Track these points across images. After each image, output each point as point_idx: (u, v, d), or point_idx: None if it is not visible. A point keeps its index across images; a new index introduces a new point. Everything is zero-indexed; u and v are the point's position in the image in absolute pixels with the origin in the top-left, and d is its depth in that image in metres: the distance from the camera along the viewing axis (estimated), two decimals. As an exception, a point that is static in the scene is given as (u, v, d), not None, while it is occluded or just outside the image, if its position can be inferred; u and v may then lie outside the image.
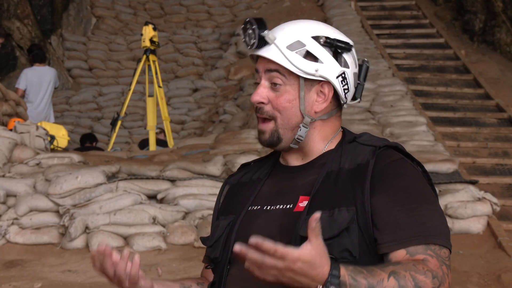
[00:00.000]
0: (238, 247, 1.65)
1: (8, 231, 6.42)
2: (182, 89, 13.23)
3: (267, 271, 1.65)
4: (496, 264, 6.20)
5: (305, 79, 1.90)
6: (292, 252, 1.62)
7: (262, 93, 1.93)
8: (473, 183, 7.07)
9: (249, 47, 1.91)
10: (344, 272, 1.68)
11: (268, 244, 1.62)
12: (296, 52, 1.89)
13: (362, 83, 1.99)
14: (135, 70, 9.86)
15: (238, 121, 10.70)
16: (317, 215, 1.65)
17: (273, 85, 1.92)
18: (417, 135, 8.35)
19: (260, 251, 1.64)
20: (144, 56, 9.62)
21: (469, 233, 6.67)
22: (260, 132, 1.97)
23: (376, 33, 11.99)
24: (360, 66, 1.99)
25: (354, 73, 1.96)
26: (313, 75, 1.89)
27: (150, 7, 15.91)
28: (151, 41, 9.52)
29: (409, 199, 1.82)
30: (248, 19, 1.91)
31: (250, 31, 1.90)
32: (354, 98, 1.99)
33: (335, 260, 1.72)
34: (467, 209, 6.67)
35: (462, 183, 6.98)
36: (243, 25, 1.93)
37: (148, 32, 9.48)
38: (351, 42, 1.95)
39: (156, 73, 9.60)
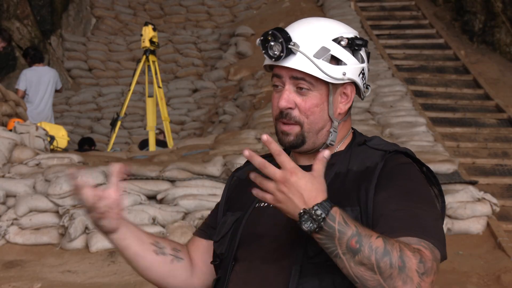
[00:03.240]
0: (247, 152, 1.71)
1: (8, 232, 6.42)
2: (181, 90, 13.23)
3: (266, 184, 1.68)
4: (495, 264, 6.20)
5: (333, 83, 1.91)
6: (292, 163, 1.69)
7: (288, 98, 1.90)
8: (473, 183, 7.07)
9: (273, 59, 1.89)
10: (337, 210, 1.68)
11: (275, 145, 1.69)
12: (323, 59, 1.88)
13: (368, 68, 2.02)
14: (135, 70, 9.86)
15: (238, 122, 10.70)
16: (326, 152, 1.70)
17: (299, 89, 1.90)
18: (416, 135, 8.36)
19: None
20: (144, 57, 9.62)
21: (469, 233, 6.67)
22: (283, 133, 1.94)
23: (375, 33, 12.00)
24: None
25: (367, 65, 1.99)
26: (342, 79, 1.90)
27: (150, 7, 15.91)
28: (151, 41, 9.52)
29: (408, 199, 1.81)
30: (270, 31, 1.88)
31: (273, 43, 1.88)
32: (366, 87, 2.02)
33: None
34: (466, 209, 6.67)
35: (461, 184, 6.98)
36: (262, 38, 1.90)
37: (148, 32, 9.48)
38: (358, 35, 1.97)
39: (156, 74, 9.60)
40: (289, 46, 1.86)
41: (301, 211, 1.66)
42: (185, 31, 14.97)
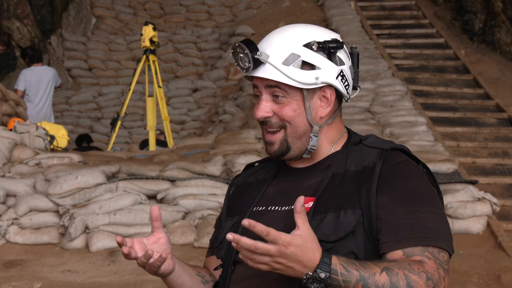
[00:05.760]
0: (230, 236, 1.69)
1: (8, 231, 6.42)
2: (182, 89, 13.23)
3: (260, 258, 1.68)
4: (496, 264, 6.20)
5: (308, 89, 1.91)
6: (284, 235, 1.66)
7: (265, 107, 1.92)
8: (473, 183, 7.07)
9: (244, 70, 1.91)
10: (336, 261, 1.71)
11: (261, 226, 1.66)
12: (293, 66, 1.88)
13: (357, 70, 2.00)
14: (135, 70, 9.86)
15: (238, 121, 10.70)
16: (301, 198, 1.69)
17: (275, 97, 1.92)
18: (417, 135, 8.35)
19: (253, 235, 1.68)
20: (144, 56, 9.62)
21: (469, 233, 6.66)
22: (268, 143, 1.96)
23: (376, 33, 11.99)
24: (351, 55, 1.99)
25: (350, 66, 1.97)
26: (315, 84, 1.90)
27: (150, 7, 15.91)
28: (151, 41, 9.51)
29: (411, 201, 1.83)
30: (237, 44, 1.90)
31: (242, 55, 1.89)
32: (354, 89, 2.00)
33: (327, 251, 1.75)
34: (467, 209, 6.67)
35: (462, 183, 6.98)
36: (232, 50, 1.92)
37: (148, 32, 9.48)
38: (339, 38, 1.96)
39: (156, 73, 9.59)
40: (256, 56, 1.87)
41: (305, 277, 1.70)
42: (185, 31, 14.97)
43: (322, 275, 1.68)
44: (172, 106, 12.74)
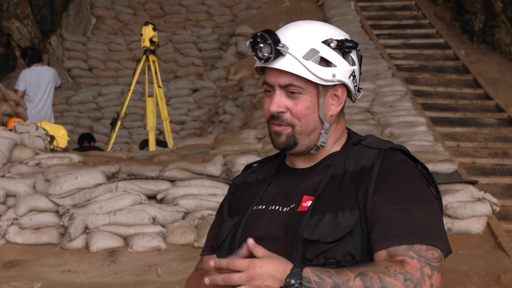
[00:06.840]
0: (207, 280, 1.73)
1: (8, 231, 6.42)
2: (182, 89, 13.23)
3: None
4: (495, 264, 6.20)
5: (323, 85, 1.91)
6: (244, 260, 1.72)
7: (279, 102, 1.91)
8: (473, 183, 7.07)
9: (262, 61, 1.89)
10: (308, 269, 1.71)
11: (223, 261, 1.71)
12: (312, 61, 1.89)
13: (360, 71, 2.02)
14: (135, 70, 9.86)
15: (238, 121, 10.70)
16: (250, 240, 1.75)
17: (290, 93, 1.91)
18: (416, 135, 8.35)
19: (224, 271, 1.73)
20: (144, 56, 9.62)
21: (469, 233, 6.66)
22: (276, 134, 1.95)
23: (376, 33, 11.99)
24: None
25: (358, 68, 1.99)
26: (331, 81, 1.90)
27: (150, 7, 15.91)
28: (151, 41, 9.51)
29: (404, 198, 1.82)
30: (259, 33, 1.89)
31: (262, 45, 1.88)
32: (358, 91, 2.02)
33: (325, 252, 1.77)
34: (466, 209, 6.67)
35: (461, 183, 6.98)
36: (252, 39, 1.90)
37: (148, 32, 9.48)
38: (349, 37, 1.97)
39: (156, 73, 9.59)
40: (278, 47, 1.87)
41: None
42: (185, 31, 14.97)
43: (292, 281, 1.69)
44: (172, 106, 12.74)
